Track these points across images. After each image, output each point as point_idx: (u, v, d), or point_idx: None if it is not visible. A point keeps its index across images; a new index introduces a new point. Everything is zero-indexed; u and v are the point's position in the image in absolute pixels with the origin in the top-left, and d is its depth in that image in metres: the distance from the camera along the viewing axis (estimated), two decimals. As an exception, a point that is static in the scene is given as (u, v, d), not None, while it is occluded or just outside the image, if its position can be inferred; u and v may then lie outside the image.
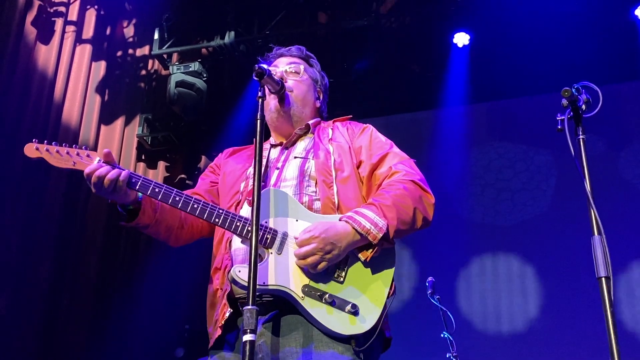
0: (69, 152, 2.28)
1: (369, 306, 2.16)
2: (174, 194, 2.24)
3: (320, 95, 2.73)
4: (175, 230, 2.46)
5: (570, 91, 2.20)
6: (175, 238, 2.49)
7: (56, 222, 5.94)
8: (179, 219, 2.45)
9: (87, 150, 2.30)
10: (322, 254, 2.11)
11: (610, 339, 1.94)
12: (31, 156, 2.29)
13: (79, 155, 2.28)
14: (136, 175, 2.26)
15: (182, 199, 2.24)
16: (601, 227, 2.08)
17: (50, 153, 2.28)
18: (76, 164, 2.28)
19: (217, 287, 2.30)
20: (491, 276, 6.60)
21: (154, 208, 2.35)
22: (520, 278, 6.50)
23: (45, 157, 2.28)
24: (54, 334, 5.80)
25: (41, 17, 6.20)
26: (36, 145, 2.28)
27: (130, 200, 2.29)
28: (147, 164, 7.46)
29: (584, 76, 2.47)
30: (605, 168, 6.36)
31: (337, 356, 2.10)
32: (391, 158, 2.43)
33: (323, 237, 2.11)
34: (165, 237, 2.47)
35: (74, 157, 2.28)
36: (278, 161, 2.49)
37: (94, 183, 2.21)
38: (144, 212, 2.31)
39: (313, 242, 2.11)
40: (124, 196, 2.25)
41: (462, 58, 7.00)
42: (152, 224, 2.36)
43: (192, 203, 2.24)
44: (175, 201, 2.24)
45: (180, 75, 6.92)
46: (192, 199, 2.25)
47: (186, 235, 2.51)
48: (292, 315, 2.16)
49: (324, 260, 2.12)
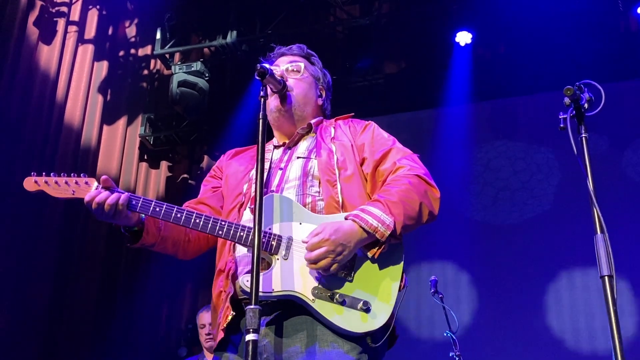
0: (67, 181, 2.31)
1: (380, 302, 2.16)
2: (175, 211, 2.25)
3: (323, 93, 2.71)
4: (183, 244, 2.47)
5: (573, 89, 2.20)
6: (183, 252, 2.50)
7: (58, 227, 5.95)
8: (184, 233, 2.46)
9: (85, 177, 2.33)
10: (333, 256, 2.11)
11: (613, 337, 1.93)
12: (31, 190, 2.34)
13: (77, 183, 2.31)
14: (136, 197, 2.28)
15: (183, 215, 2.25)
16: (604, 225, 2.07)
17: (49, 185, 2.32)
18: (75, 192, 2.31)
19: (220, 289, 2.29)
20: (491, 274, 6.59)
21: (157, 227, 2.36)
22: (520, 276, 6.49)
23: (44, 190, 2.32)
24: (58, 333, 5.81)
25: (43, 18, 6.21)
26: (35, 178, 2.33)
27: (133, 222, 2.30)
28: (149, 164, 7.47)
29: (586, 75, 2.46)
30: (608, 167, 6.35)
31: (342, 355, 2.10)
32: (395, 153, 2.42)
33: (334, 239, 2.11)
34: (173, 252, 2.49)
35: (73, 186, 2.31)
36: (281, 162, 2.48)
37: (95, 210, 2.23)
38: (147, 232, 2.32)
39: (324, 245, 2.10)
40: (125, 219, 2.27)
41: (465, 57, 7.00)
42: (158, 242, 2.37)
43: (194, 218, 2.24)
44: (177, 218, 2.24)
45: (183, 75, 6.93)
46: (194, 213, 2.26)
47: (194, 247, 2.52)
48: (297, 316, 2.16)
49: (335, 262, 2.12)
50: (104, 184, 2.27)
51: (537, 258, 6.46)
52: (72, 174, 2.33)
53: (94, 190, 2.26)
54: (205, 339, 5.09)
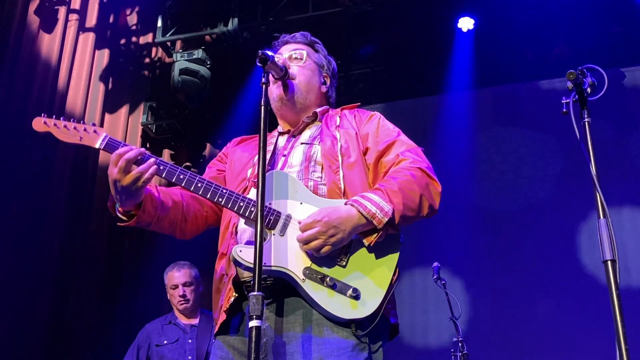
0: (76, 127, 2.28)
1: (371, 291, 2.16)
2: (179, 172, 2.25)
3: (327, 80, 2.70)
4: (180, 224, 2.44)
5: (575, 74, 2.19)
6: (181, 231, 2.48)
7: (62, 215, 5.95)
8: (181, 212, 2.43)
9: (94, 125, 2.29)
10: (325, 237, 2.11)
11: (616, 321, 1.94)
12: (39, 130, 2.28)
13: (86, 130, 2.28)
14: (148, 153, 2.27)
15: (186, 177, 2.24)
16: (607, 210, 2.08)
17: (57, 127, 2.27)
18: (83, 138, 2.27)
19: (222, 272, 2.30)
20: (497, 260, 6.60)
21: (154, 206, 2.32)
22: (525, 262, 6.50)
23: (52, 132, 2.28)
24: (62, 326, 5.81)
25: (44, 6, 6.19)
26: (44, 119, 2.28)
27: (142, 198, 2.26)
28: (151, 152, 7.42)
29: (589, 60, 2.46)
30: (612, 151, 6.34)
31: (339, 340, 2.11)
32: (398, 146, 2.42)
33: (326, 220, 2.11)
34: (170, 231, 2.46)
35: (81, 132, 2.27)
36: (285, 149, 2.48)
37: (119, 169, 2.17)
38: (144, 210, 2.27)
39: (316, 225, 2.11)
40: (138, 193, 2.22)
41: (467, 43, 6.98)
42: (154, 221, 2.34)
43: (196, 182, 2.24)
44: (179, 179, 2.24)
45: (184, 63, 6.91)
46: (197, 177, 2.25)
47: (191, 227, 2.49)
48: (294, 298, 2.17)
49: (327, 244, 2.11)
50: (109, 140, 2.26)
51: (540, 242, 6.47)
52: (82, 121, 2.30)
53: (126, 147, 2.22)
54: (179, 301, 4.82)
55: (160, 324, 4.90)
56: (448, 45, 7.00)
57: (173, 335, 4.80)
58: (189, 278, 4.91)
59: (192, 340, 4.73)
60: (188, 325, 4.84)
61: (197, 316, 4.91)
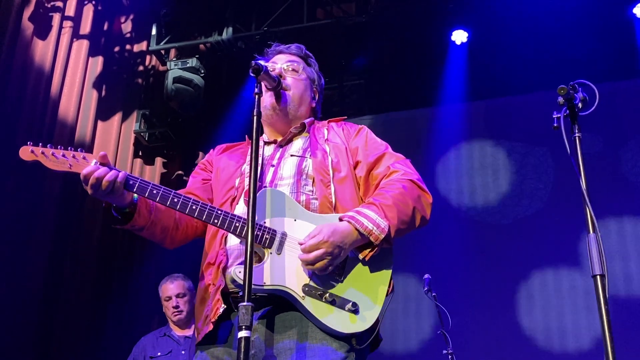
0: (65, 154, 2.26)
1: (368, 304, 2.18)
2: (172, 195, 2.23)
3: (316, 96, 2.73)
4: (171, 231, 2.44)
5: (567, 89, 2.20)
6: (170, 239, 2.47)
7: (53, 220, 5.90)
8: (174, 219, 2.43)
9: (83, 152, 2.28)
10: (331, 258, 2.13)
11: (604, 336, 1.94)
12: (27, 159, 2.26)
13: (75, 157, 2.26)
14: (133, 177, 2.23)
15: (180, 200, 2.22)
16: (596, 225, 2.08)
17: (45, 156, 2.26)
18: (72, 166, 2.25)
19: (209, 282, 2.28)
20: (487, 273, 6.60)
21: (149, 209, 2.32)
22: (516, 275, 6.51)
23: (40, 160, 2.26)
24: (52, 330, 5.78)
25: (38, 13, 6.18)
26: (31, 148, 2.26)
27: (126, 202, 2.26)
28: (144, 160, 7.44)
29: (581, 74, 2.47)
30: (602, 166, 6.37)
31: (331, 352, 2.11)
32: (388, 158, 2.45)
33: (331, 241, 2.12)
34: (161, 238, 2.45)
35: (70, 160, 2.26)
36: (273, 158, 2.47)
37: (92, 185, 2.17)
38: (139, 213, 2.28)
39: (322, 247, 2.12)
40: (120, 197, 2.23)
41: (460, 56, 7.01)
42: (148, 225, 2.34)
43: (190, 204, 2.22)
44: (173, 203, 2.22)
45: (178, 71, 6.90)
46: (191, 200, 2.24)
47: (181, 236, 2.49)
48: (287, 312, 2.17)
49: (332, 264, 2.15)
50: (101, 160, 2.23)
51: (530, 256, 6.48)
52: (70, 148, 2.28)
53: (93, 166, 2.20)
54: (172, 312, 4.86)
55: (155, 337, 4.96)
56: (441, 58, 7.03)
57: (167, 347, 4.85)
58: (182, 289, 4.93)
59: (185, 352, 4.75)
60: (182, 337, 4.86)
61: (191, 327, 4.90)
